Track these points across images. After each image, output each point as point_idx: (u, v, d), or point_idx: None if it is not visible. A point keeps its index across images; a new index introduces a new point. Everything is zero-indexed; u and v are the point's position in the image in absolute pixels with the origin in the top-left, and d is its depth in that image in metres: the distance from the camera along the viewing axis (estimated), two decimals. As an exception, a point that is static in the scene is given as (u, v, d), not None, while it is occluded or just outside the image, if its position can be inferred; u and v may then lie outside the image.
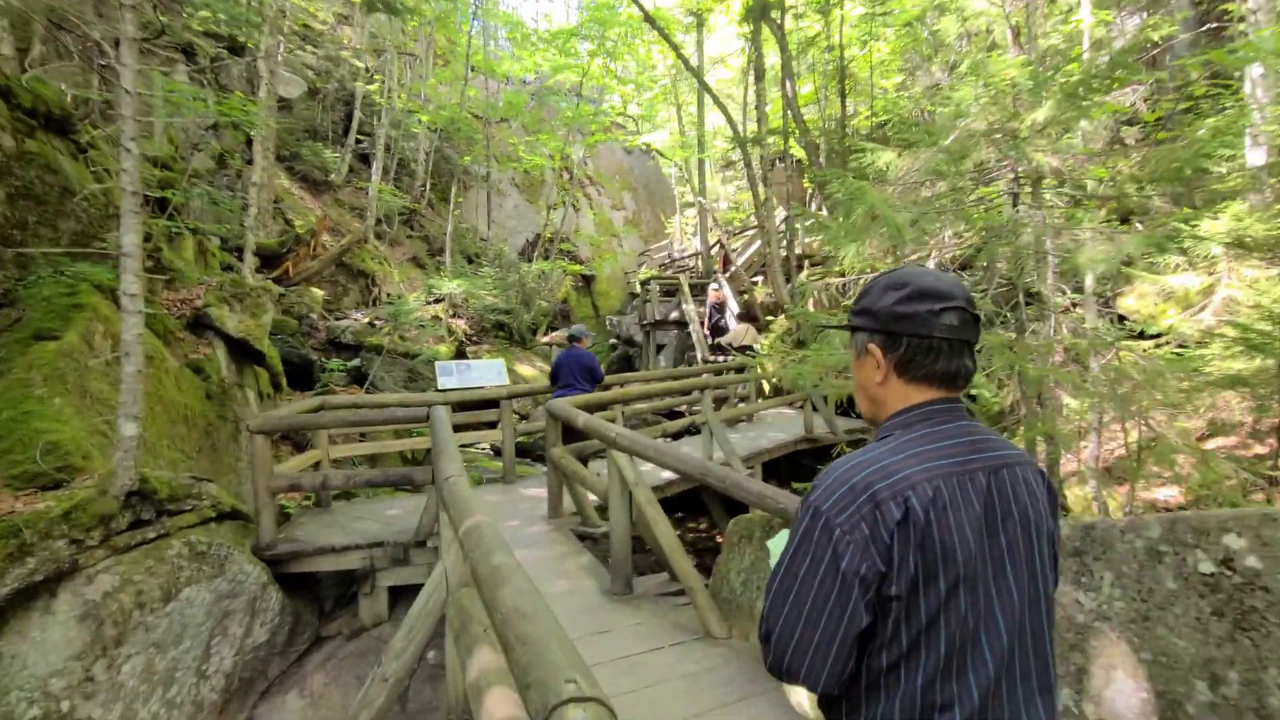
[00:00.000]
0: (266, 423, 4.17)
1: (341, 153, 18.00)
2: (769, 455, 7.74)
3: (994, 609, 0.93)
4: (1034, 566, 0.98)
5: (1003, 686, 0.93)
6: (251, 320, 5.78)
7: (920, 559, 0.89)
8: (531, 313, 17.10)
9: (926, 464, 0.93)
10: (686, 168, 20.25)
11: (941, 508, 0.90)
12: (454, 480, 2.30)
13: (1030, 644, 0.96)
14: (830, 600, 0.90)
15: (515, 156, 20.80)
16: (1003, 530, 0.96)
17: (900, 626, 0.91)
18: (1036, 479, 1.04)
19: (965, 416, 1.03)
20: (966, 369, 1.01)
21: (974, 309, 1.00)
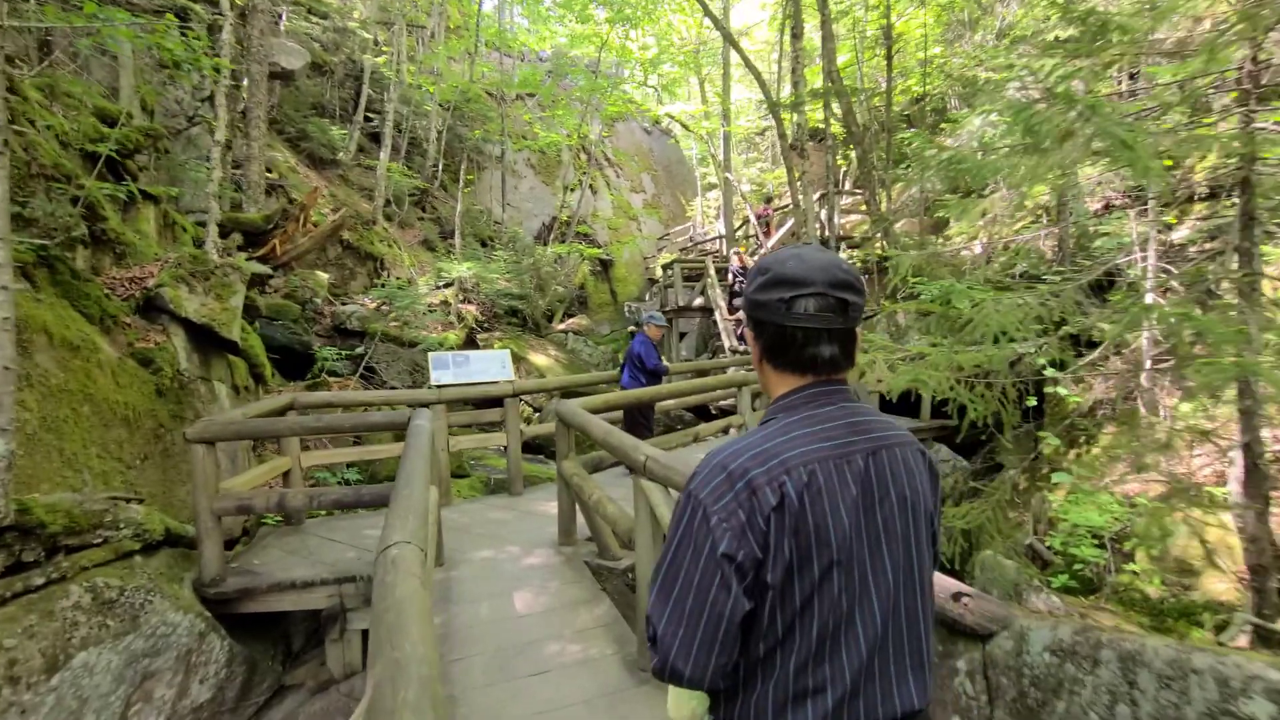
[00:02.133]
0: (208, 429, 3.34)
1: (350, 130, 17.19)
2: (811, 460, 6.81)
3: (869, 589, 0.93)
4: (911, 546, 0.98)
5: (875, 665, 0.93)
6: (217, 303, 4.96)
7: (795, 544, 0.89)
8: (547, 298, 16.22)
9: (803, 448, 0.93)
10: (710, 140, 19.10)
11: (816, 492, 0.91)
12: (398, 556, 1.43)
13: (904, 622, 0.96)
14: (713, 590, 0.88)
15: (531, 135, 19.83)
16: (879, 511, 0.96)
17: (776, 612, 0.90)
18: (917, 459, 1.04)
19: (848, 398, 1.02)
20: (828, 356, 0.99)
21: (840, 293, 0.96)
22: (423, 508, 1.83)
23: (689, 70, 20.13)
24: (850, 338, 1.02)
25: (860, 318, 1.04)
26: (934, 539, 1.05)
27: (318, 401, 4.57)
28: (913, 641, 0.98)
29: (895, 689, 0.95)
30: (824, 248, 1.18)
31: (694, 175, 28.37)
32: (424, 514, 1.80)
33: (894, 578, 0.96)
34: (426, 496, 1.97)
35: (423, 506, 1.84)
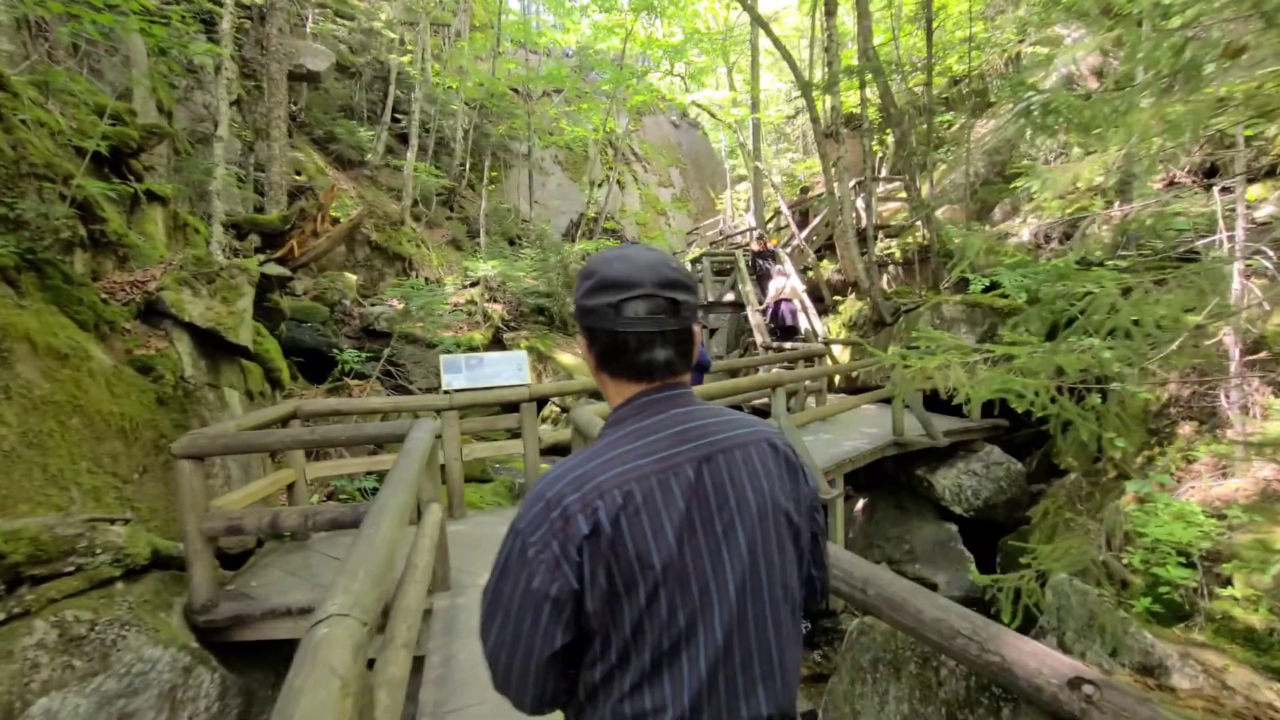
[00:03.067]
0: (194, 443, 3.09)
1: (377, 131, 17.18)
2: (851, 465, 6.34)
3: (711, 602, 0.90)
4: (758, 551, 0.94)
5: (720, 680, 0.90)
6: (223, 306, 4.76)
7: (616, 570, 0.86)
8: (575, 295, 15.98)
9: (620, 467, 0.89)
10: (739, 129, 18.52)
11: (634, 512, 0.87)
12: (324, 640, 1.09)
13: (752, 632, 0.93)
14: (525, 624, 0.87)
15: (557, 130, 19.55)
16: (718, 520, 0.92)
17: (609, 640, 0.88)
18: (768, 456, 0.98)
19: (680, 404, 0.97)
20: (662, 360, 0.95)
21: (670, 293, 0.93)
22: (384, 556, 1.49)
23: (716, 58, 19.58)
24: (685, 338, 0.98)
25: (694, 317, 0.99)
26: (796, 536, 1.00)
27: (322, 410, 4.32)
28: (762, 650, 0.94)
29: (743, 701, 0.92)
30: (651, 247, 1.05)
31: (723, 168, 27.80)
32: (384, 565, 1.46)
33: (738, 587, 0.92)
34: (396, 537, 1.64)
35: (384, 554, 1.50)
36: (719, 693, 0.90)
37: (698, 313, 1.03)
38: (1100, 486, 6.48)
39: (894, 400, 6.91)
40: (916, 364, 3.02)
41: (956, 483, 7.26)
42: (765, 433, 1.02)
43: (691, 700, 0.88)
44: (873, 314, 9.59)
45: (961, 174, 13.88)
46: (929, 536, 7.16)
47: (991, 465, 7.28)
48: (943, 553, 6.97)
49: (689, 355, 0.99)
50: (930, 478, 7.38)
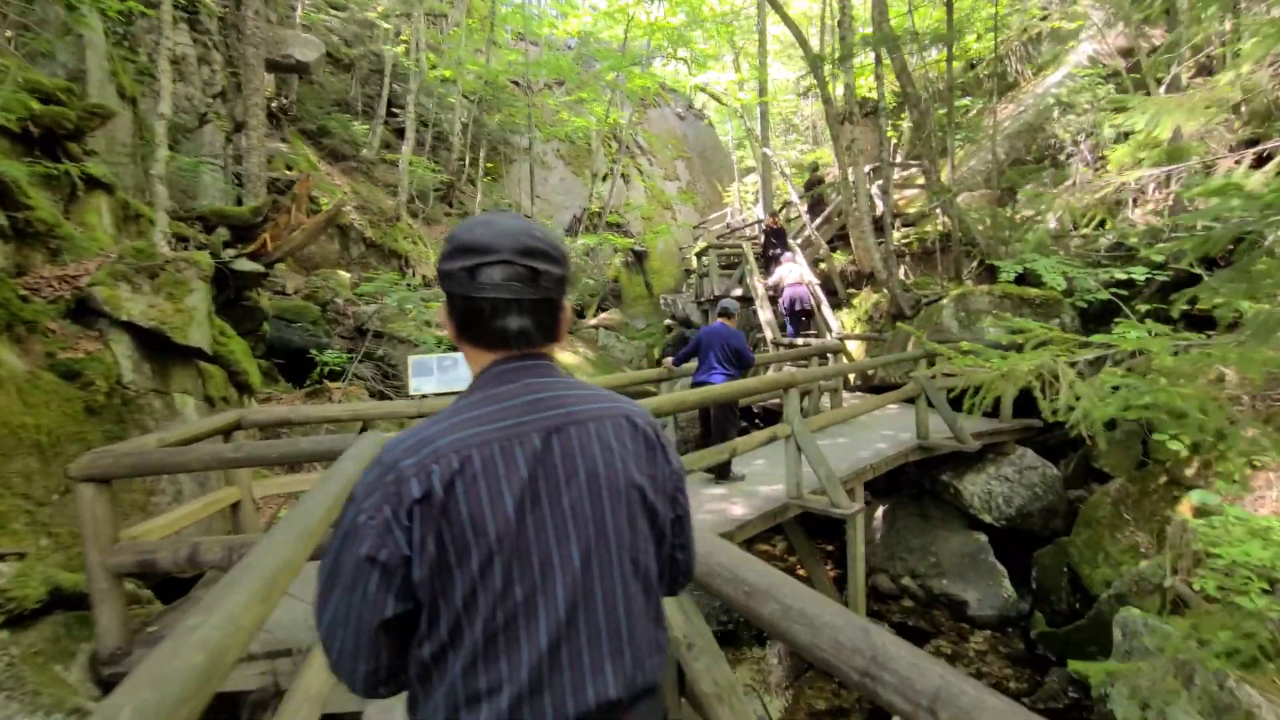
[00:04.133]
0: (97, 463, 2.58)
1: (372, 125, 16.72)
2: (872, 473, 5.77)
3: (553, 578, 0.87)
4: (608, 527, 0.92)
5: (563, 657, 0.87)
6: (169, 303, 4.26)
7: (448, 538, 0.83)
8: (577, 292, 15.42)
9: (462, 432, 0.87)
10: (746, 116, 17.87)
11: (471, 478, 0.85)
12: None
13: (600, 609, 0.90)
14: (355, 592, 0.83)
15: (559, 124, 18.99)
16: (566, 493, 0.90)
17: (439, 613, 0.85)
18: (624, 431, 0.97)
19: (536, 374, 0.95)
20: (517, 329, 0.93)
21: (530, 261, 0.92)
22: (207, 661, 0.96)
23: (723, 42, 18.93)
24: (548, 310, 0.96)
25: (561, 289, 0.97)
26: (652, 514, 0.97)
27: (270, 419, 3.82)
28: (611, 628, 0.90)
29: (589, 680, 0.88)
30: (519, 215, 1.01)
31: (730, 160, 27.15)
32: (199, 681, 0.94)
33: (582, 561, 0.89)
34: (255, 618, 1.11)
35: (208, 659, 0.97)
36: (561, 670, 0.87)
37: (566, 286, 0.99)
38: (1149, 494, 5.87)
39: (917, 400, 6.33)
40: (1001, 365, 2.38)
41: (986, 489, 6.66)
42: (625, 408, 1.00)
43: (530, 678, 0.85)
44: (890, 307, 8.98)
45: (981, 160, 13.23)
46: (956, 548, 6.57)
47: (1025, 470, 6.68)
48: (972, 566, 6.38)
49: (551, 327, 0.97)
50: (957, 484, 6.79)
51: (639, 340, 16.67)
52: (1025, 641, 5.62)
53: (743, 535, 4.29)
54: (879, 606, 6.24)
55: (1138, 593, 4.67)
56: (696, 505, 4.74)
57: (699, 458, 3.81)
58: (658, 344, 17.10)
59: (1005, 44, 15.25)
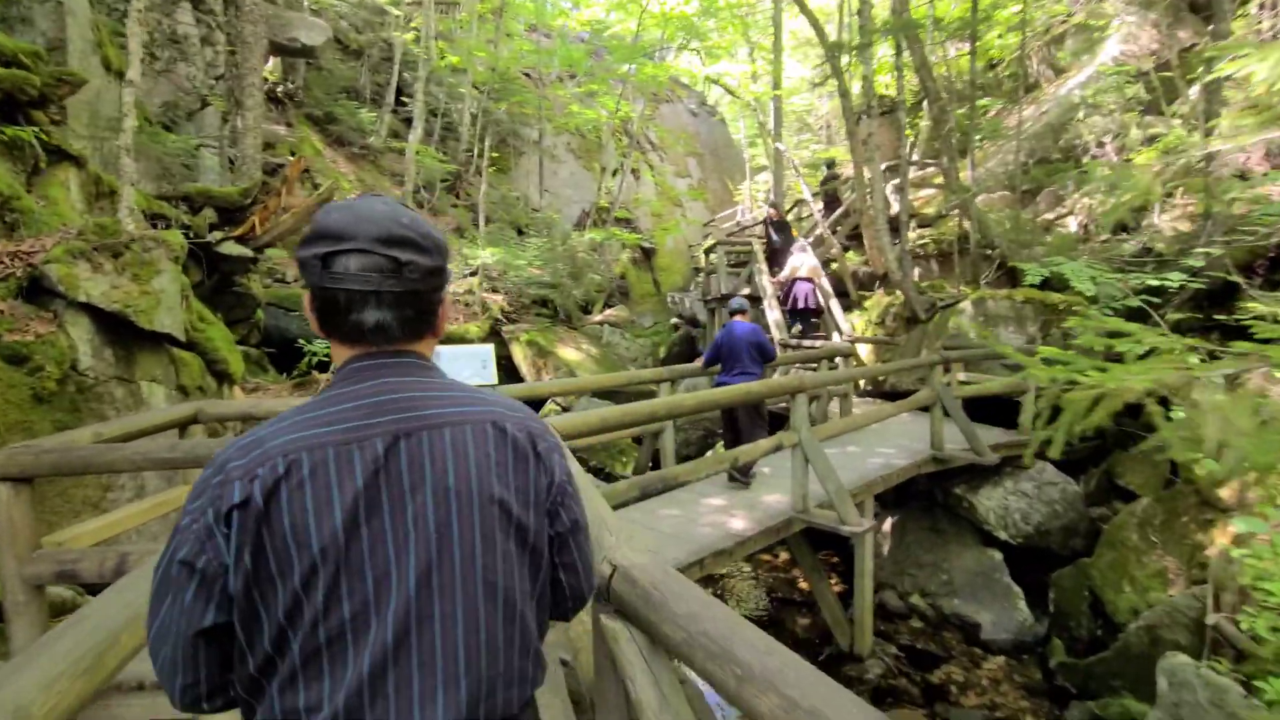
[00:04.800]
0: (13, 461, 2.30)
1: (380, 113, 16.49)
2: (882, 485, 5.44)
3: (388, 596, 0.80)
4: (452, 542, 0.84)
5: (388, 682, 0.80)
6: (134, 284, 3.99)
7: (270, 547, 0.78)
8: (582, 287, 15.09)
9: (297, 434, 0.81)
10: (760, 108, 17.47)
11: (296, 485, 0.78)
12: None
13: (437, 632, 0.83)
14: (174, 599, 0.79)
15: (569, 115, 18.68)
16: (409, 504, 0.83)
17: (261, 627, 0.79)
18: (488, 439, 0.88)
19: (398, 372, 0.88)
20: (374, 324, 0.86)
21: (392, 251, 0.85)
22: None
23: (737, 35, 18.55)
24: (415, 303, 0.89)
25: (432, 281, 0.90)
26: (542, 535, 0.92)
27: (230, 413, 3.53)
28: (448, 652, 0.83)
29: (416, 707, 0.81)
30: (388, 200, 0.90)
31: (743, 158, 26.75)
32: None
33: (418, 580, 0.82)
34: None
35: None
36: (385, 697, 0.80)
37: (442, 277, 0.92)
38: (1178, 515, 5.49)
39: (932, 409, 5.98)
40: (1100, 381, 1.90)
41: (1003, 504, 6.30)
42: (494, 413, 0.91)
43: (348, 702, 0.79)
44: (904, 310, 8.62)
45: (999, 161, 12.81)
46: (969, 566, 6.21)
47: (1044, 485, 6.31)
48: (986, 585, 6.02)
49: (416, 322, 0.90)
50: (971, 498, 6.43)
51: (645, 339, 16.35)
52: (1043, 670, 5.27)
53: (742, 552, 3.98)
54: (886, 626, 5.90)
55: (1170, 625, 4.31)
56: (694, 516, 4.42)
57: (693, 467, 3.48)
58: (664, 343, 16.77)
59: (1029, 43, 14.82)
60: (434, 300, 0.92)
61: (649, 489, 3.07)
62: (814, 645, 5.60)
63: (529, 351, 11.72)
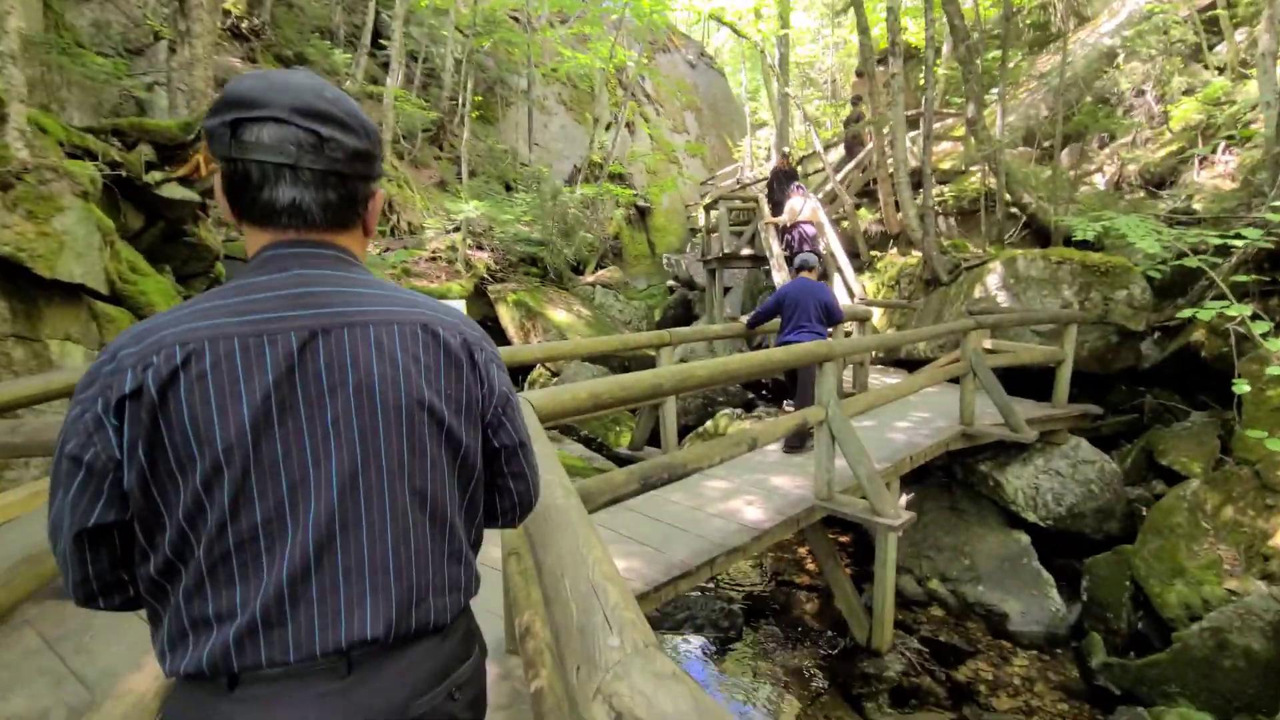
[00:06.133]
0: None
1: (356, 56, 15.32)
2: (910, 465, 4.86)
3: (305, 501, 0.77)
4: (377, 447, 0.80)
5: (310, 589, 0.77)
6: (29, 224, 3.27)
7: (168, 442, 0.73)
8: (573, 246, 14.27)
9: (199, 322, 0.75)
10: (764, 46, 16.38)
11: (197, 376, 0.73)
12: None
13: (363, 538, 0.79)
14: (63, 495, 0.75)
15: (560, 61, 17.52)
16: (330, 404, 0.78)
17: (161, 527, 0.75)
18: (417, 341, 0.84)
19: (316, 263, 0.81)
20: (289, 202, 0.79)
21: (311, 124, 0.78)
22: None
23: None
24: (339, 187, 0.82)
25: (359, 166, 0.83)
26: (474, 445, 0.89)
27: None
28: (375, 560, 0.80)
29: (342, 616, 0.77)
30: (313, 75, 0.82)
31: (743, 113, 25.63)
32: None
33: (344, 487, 0.78)
34: None
35: None
36: (309, 603, 0.76)
37: (370, 165, 0.85)
38: (1233, 500, 4.97)
39: (963, 380, 5.37)
40: None
41: (1034, 484, 5.76)
42: (424, 315, 0.86)
43: (267, 608, 0.75)
44: (923, 271, 7.95)
45: (1019, 115, 11.99)
46: (994, 550, 5.70)
47: (1079, 464, 5.76)
48: (1013, 572, 5.51)
49: (340, 210, 0.83)
50: (999, 476, 5.88)
51: (639, 301, 15.63)
52: (1080, 667, 4.79)
53: (758, 547, 3.39)
54: (904, 615, 5.40)
55: (1242, 629, 3.80)
56: (701, 503, 3.82)
57: (706, 451, 2.85)
58: (659, 305, 16.05)
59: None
60: (361, 189, 0.86)
61: (651, 480, 2.44)
62: (827, 637, 5.10)
63: (516, 312, 11.00)
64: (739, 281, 13.52)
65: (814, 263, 5.28)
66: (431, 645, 0.85)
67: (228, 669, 0.74)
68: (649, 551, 3.12)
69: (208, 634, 0.74)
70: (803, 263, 5.29)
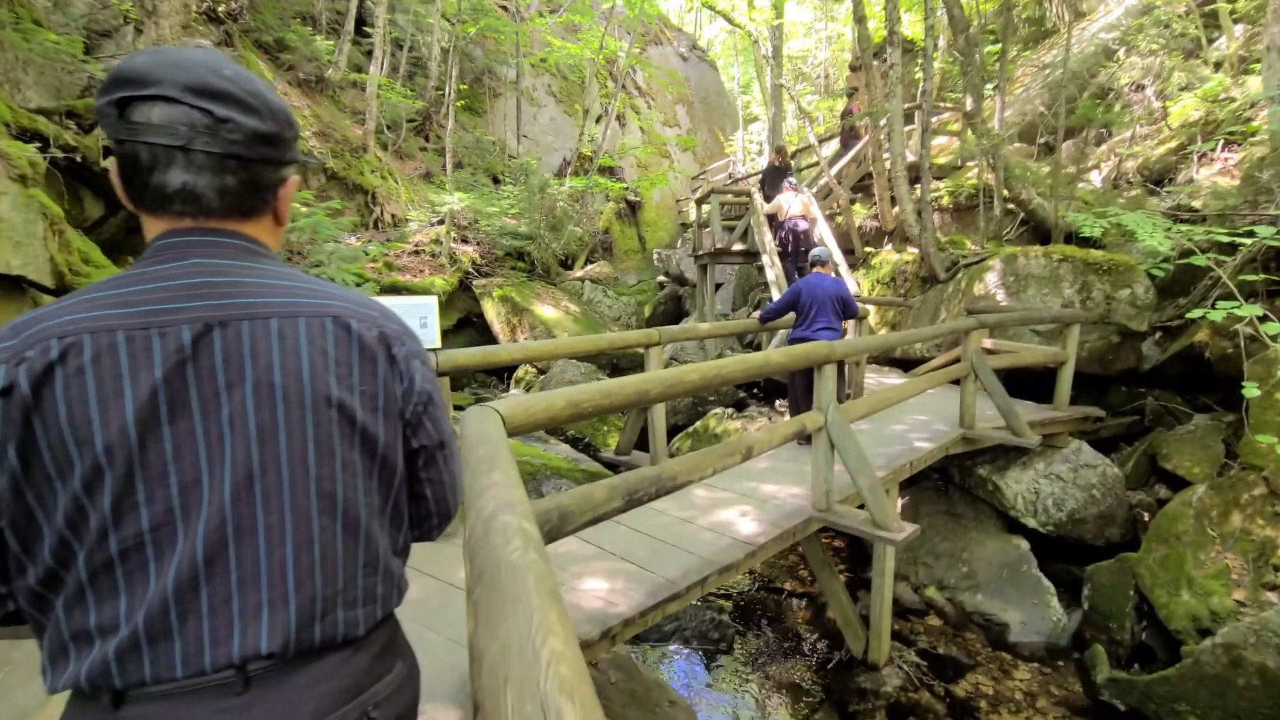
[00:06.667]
0: None
1: (339, 43, 14.90)
2: (910, 471, 4.65)
3: (198, 505, 0.72)
4: (278, 448, 0.75)
5: (200, 601, 0.72)
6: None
7: (42, 442, 0.68)
8: (561, 240, 13.98)
9: (81, 314, 0.70)
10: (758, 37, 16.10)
11: (75, 372, 0.68)
12: None
13: (261, 545, 0.74)
14: None
15: (549, 48, 17.16)
16: (226, 402, 0.73)
17: (39, 534, 0.70)
18: (327, 335, 0.78)
19: (216, 253, 0.76)
20: (179, 187, 0.74)
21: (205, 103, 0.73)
22: None
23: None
24: (239, 172, 0.77)
25: (262, 148, 0.77)
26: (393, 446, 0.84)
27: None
28: (274, 569, 0.75)
29: (235, 629, 0.73)
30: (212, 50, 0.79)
31: (735, 107, 25.39)
32: None
33: (238, 490, 0.73)
34: None
35: None
36: (197, 615, 0.72)
37: (277, 148, 0.79)
38: (1239, 506, 4.80)
39: (963, 381, 5.17)
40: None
41: (1034, 488, 5.57)
42: (335, 307, 0.80)
43: (148, 621, 0.70)
44: (920, 268, 7.75)
45: (1015, 111, 11.82)
46: (993, 556, 5.52)
47: (1081, 468, 5.58)
48: (1013, 580, 5.33)
49: (242, 196, 0.78)
50: (998, 480, 5.70)
51: (629, 297, 15.38)
52: (1082, 680, 4.61)
53: (751, 563, 3.16)
54: (900, 625, 5.20)
55: (1257, 645, 3.62)
56: (691, 514, 3.58)
57: (698, 462, 2.61)
58: (649, 301, 15.80)
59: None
60: (267, 175, 0.80)
61: (637, 496, 2.20)
62: (822, 649, 4.89)
63: (502, 308, 10.71)
64: (730, 277, 13.29)
65: (827, 257, 5.17)
66: (340, 660, 0.80)
67: (109, 685, 0.70)
68: (634, 570, 2.88)
69: (88, 648, 0.71)
70: (816, 257, 5.22)
